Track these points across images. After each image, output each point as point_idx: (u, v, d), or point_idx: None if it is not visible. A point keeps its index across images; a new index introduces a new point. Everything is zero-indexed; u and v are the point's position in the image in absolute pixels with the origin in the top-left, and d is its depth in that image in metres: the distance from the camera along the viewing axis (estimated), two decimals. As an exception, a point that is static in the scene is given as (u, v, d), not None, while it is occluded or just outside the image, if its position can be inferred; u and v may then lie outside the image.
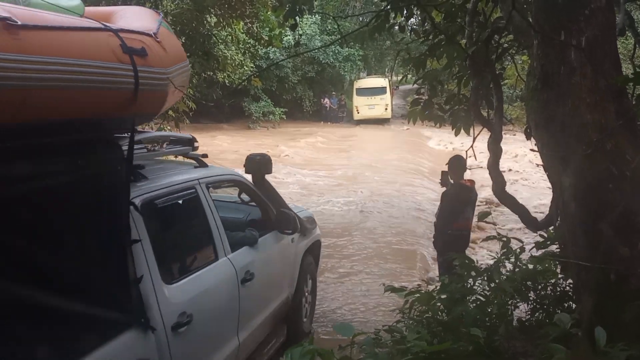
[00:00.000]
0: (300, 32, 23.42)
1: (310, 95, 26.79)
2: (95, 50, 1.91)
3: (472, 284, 2.70)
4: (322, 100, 27.23)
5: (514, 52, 4.24)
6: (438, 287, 2.72)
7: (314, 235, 4.69)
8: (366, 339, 1.91)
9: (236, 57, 16.93)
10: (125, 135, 2.47)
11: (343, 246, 7.12)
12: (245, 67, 17.77)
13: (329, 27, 24.91)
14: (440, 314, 2.46)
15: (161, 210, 2.66)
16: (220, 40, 15.41)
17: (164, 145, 3.16)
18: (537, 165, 2.80)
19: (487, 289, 2.68)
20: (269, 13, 12.03)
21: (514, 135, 14.98)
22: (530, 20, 2.40)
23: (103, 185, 2.09)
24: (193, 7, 10.06)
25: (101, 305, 2.04)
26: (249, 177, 4.09)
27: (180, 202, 2.89)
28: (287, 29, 5.83)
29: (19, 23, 1.61)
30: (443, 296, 2.49)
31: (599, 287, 1.97)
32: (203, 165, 3.42)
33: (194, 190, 3.04)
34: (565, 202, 2.15)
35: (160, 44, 2.28)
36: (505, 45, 3.95)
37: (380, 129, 24.73)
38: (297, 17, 4.73)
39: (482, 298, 2.61)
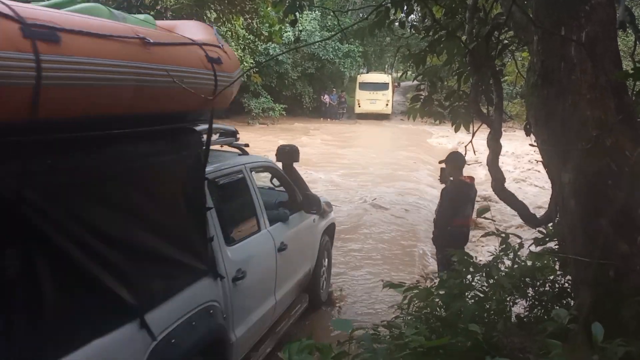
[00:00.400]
0: (300, 28, 23.36)
1: (310, 91, 26.74)
2: (192, 59, 2.44)
3: (470, 280, 2.70)
4: (322, 96, 27.17)
5: (514, 48, 4.22)
6: (437, 283, 2.71)
7: (330, 218, 5.37)
8: (364, 334, 1.91)
9: (236, 53, 16.85)
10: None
11: (347, 245, 7.09)
12: (244, 63, 17.73)
13: (329, 24, 24.85)
14: (438, 309, 2.45)
15: (220, 187, 3.28)
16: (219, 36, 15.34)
17: (216, 136, 3.73)
18: (537, 161, 2.80)
19: (486, 285, 2.68)
20: (268, 9, 11.97)
21: (514, 132, 14.94)
22: (531, 15, 2.39)
23: (190, 163, 2.68)
24: (193, 2, 10.04)
25: (190, 255, 2.66)
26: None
27: (233, 181, 3.52)
28: (287, 25, 5.82)
29: (151, 41, 2.11)
30: (441, 292, 2.48)
31: (598, 283, 1.96)
32: (245, 153, 4.11)
33: (241, 172, 3.68)
34: (565, 199, 2.15)
35: (226, 53, 2.77)
36: (506, 41, 3.93)
37: (381, 125, 24.68)
38: (297, 13, 4.72)
39: (480, 294, 2.61)
